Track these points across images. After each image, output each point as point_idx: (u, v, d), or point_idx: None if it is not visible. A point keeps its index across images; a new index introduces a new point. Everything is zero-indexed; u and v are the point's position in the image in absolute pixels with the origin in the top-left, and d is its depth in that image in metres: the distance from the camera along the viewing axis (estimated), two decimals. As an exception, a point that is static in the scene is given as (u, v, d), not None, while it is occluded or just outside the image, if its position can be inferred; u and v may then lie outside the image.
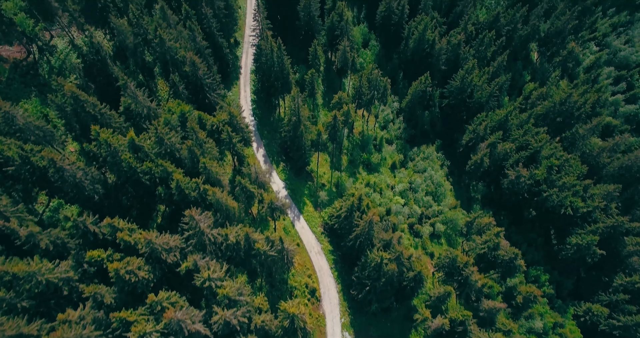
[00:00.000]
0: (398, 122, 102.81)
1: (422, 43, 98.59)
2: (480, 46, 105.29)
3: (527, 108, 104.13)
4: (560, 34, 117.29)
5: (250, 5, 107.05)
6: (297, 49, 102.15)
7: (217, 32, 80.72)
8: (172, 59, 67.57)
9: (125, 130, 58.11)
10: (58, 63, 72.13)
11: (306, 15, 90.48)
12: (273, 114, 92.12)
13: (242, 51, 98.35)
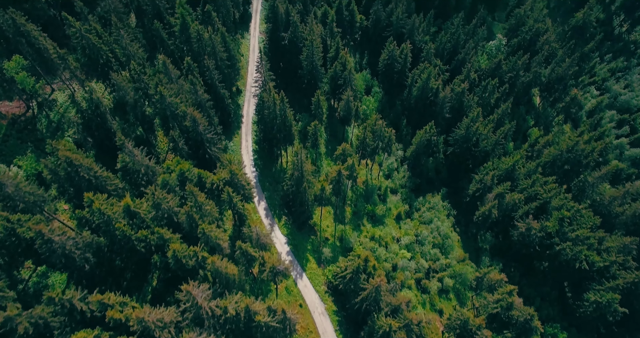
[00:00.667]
0: (402, 171, 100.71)
1: (425, 91, 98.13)
2: (484, 93, 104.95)
3: (533, 156, 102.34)
4: (561, 80, 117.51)
5: (252, 52, 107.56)
6: (300, 96, 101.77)
7: (219, 84, 79.96)
8: (172, 114, 66.15)
9: (121, 192, 55.62)
10: (57, 117, 70.71)
11: (309, 64, 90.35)
12: (275, 164, 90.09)
13: (244, 99, 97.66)
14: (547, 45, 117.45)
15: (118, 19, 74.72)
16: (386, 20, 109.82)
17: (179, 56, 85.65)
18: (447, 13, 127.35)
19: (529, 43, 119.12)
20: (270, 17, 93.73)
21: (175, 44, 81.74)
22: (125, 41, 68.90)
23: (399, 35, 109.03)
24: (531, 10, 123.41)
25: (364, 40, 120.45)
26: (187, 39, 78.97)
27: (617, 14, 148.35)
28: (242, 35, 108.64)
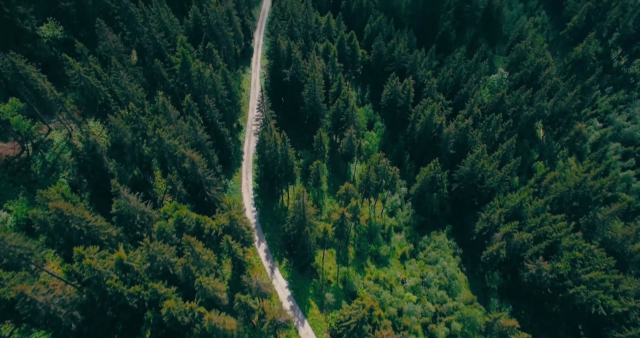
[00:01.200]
0: (406, 208, 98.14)
1: (429, 127, 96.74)
2: (488, 128, 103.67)
3: (540, 192, 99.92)
4: (565, 113, 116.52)
5: (254, 87, 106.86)
6: (302, 132, 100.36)
7: (219, 122, 78.52)
8: (170, 155, 64.20)
9: (115, 241, 52.89)
10: (52, 158, 68.76)
11: (311, 100, 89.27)
12: (276, 203, 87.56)
13: (245, 135, 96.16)
14: (549, 79, 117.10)
15: (118, 59, 73.94)
16: (388, 55, 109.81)
17: (179, 92, 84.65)
18: (448, 47, 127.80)
19: (531, 77, 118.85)
20: (272, 54, 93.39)
21: (176, 82, 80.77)
22: (125, 81, 67.78)
23: (401, 70, 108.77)
24: (532, 45, 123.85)
25: (365, 74, 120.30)
26: (187, 77, 78.02)
27: (614, 47, 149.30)
28: (243, 70, 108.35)
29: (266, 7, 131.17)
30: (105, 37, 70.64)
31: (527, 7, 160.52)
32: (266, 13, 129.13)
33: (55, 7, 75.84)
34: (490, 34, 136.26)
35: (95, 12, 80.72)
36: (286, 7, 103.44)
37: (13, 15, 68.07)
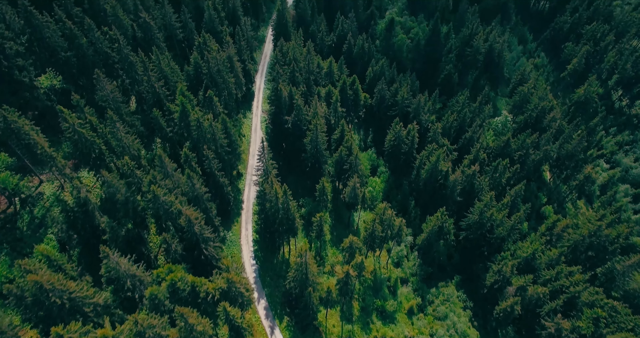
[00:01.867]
0: (412, 258, 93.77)
1: (435, 174, 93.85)
2: (495, 173, 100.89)
3: (552, 240, 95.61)
4: (572, 157, 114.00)
5: (255, 132, 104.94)
6: (303, 179, 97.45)
7: (218, 173, 75.64)
8: (165, 212, 60.77)
9: (101, 311, 48.49)
10: (41, 212, 65.33)
11: (313, 148, 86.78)
12: (277, 255, 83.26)
13: (245, 183, 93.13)
14: (554, 122, 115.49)
15: (115, 109, 72.02)
16: (391, 100, 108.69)
17: (178, 141, 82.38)
18: (451, 89, 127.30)
19: (536, 120, 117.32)
20: (274, 100, 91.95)
21: (175, 131, 78.57)
22: (121, 133, 65.42)
23: (404, 114, 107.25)
24: (534, 88, 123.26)
25: (368, 117, 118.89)
26: (186, 126, 75.90)
27: (614, 89, 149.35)
28: (244, 115, 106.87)
29: (268, 50, 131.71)
30: (103, 87, 68.96)
31: (526, 49, 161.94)
32: (268, 56, 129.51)
33: (55, 57, 74.77)
34: (492, 76, 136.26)
35: (95, 60, 79.74)
36: (288, 52, 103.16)
37: (11, 68, 66.69)
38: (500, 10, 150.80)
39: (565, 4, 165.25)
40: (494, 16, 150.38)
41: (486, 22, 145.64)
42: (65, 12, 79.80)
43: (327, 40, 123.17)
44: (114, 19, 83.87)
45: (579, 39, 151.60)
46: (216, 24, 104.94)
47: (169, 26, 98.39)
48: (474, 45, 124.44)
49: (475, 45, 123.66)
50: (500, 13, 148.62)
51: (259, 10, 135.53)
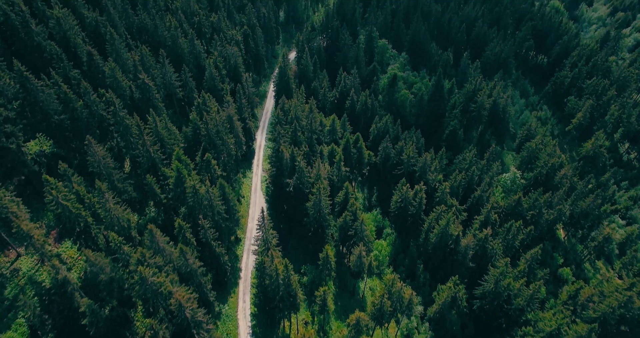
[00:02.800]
0: (424, 330, 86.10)
1: (445, 238, 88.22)
2: (507, 235, 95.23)
3: (577, 310, 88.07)
4: (586, 215, 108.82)
5: (254, 192, 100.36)
6: (305, 243, 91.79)
7: (214, 242, 70.17)
8: (154, 293, 54.74)
9: None
10: (14, 292, 59.25)
11: (316, 213, 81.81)
12: (277, 330, 75.78)
13: (244, 248, 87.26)
14: (566, 179, 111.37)
15: (107, 175, 67.89)
16: (396, 158, 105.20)
17: (172, 207, 77.62)
18: (456, 144, 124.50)
19: (546, 177, 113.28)
20: (275, 161, 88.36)
21: (169, 197, 74.00)
22: (110, 204, 60.75)
23: (410, 173, 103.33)
24: (542, 143, 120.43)
25: (372, 175, 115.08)
26: (182, 192, 71.44)
27: (621, 142, 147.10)
28: (244, 174, 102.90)
29: (269, 105, 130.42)
30: (94, 154, 65.21)
31: (529, 103, 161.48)
32: (269, 111, 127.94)
33: (48, 120, 71.78)
34: (498, 131, 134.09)
35: (90, 123, 76.76)
36: (289, 110, 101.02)
37: (-2, 134, 63.39)
38: (501, 65, 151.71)
39: (563, 58, 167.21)
40: (495, 70, 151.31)
41: (488, 76, 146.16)
42: (62, 75, 77.98)
43: (329, 96, 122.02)
44: (112, 80, 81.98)
45: (581, 93, 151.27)
46: (217, 82, 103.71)
47: (169, 85, 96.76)
48: (478, 100, 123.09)
49: (480, 100, 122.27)
50: (501, 68, 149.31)
51: (261, 66, 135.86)
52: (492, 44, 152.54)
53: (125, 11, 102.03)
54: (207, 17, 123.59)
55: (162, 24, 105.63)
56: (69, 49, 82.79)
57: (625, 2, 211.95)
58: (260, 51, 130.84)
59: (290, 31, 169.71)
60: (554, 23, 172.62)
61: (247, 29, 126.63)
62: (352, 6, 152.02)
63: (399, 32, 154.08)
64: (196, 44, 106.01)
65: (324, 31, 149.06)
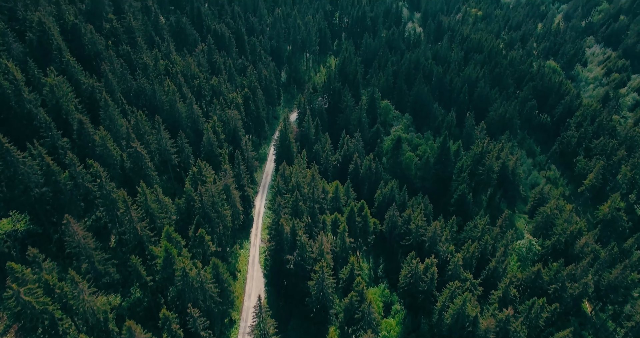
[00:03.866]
0: None
1: (461, 320, 79.07)
2: (530, 314, 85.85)
3: None
4: (615, 289, 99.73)
5: (252, 265, 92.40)
6: (307, 324, 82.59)
7: (204, 332, 61.59)
8: None
9: None
10: None
11: (318, 292, 73.67)
12: None
13: (239, 332, 77.84)
14: (587, 247, 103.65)
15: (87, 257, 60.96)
16: (403, 227, 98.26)
17: (159, 288, 69.75)
18: (466, 209, 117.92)
19: (565, 246, 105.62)
20: (274, 235, 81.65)
21: (156, 280, 66.40)
22: (84, 295, 53.25)
23: (419, 243, 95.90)
24: (557, 208, 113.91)
25: (378, 243, 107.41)
26: (170, 274, 64.08)
27: (637, 204, 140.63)
28: (240, 245, 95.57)
29: (269, 169, 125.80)
30: (73, 233, 58.75)
31: (536, 162, 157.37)
32: (269, 175, 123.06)
33: (27, 194, 66.20)
34: (507, 194, 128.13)
35: (74, 195, 71.10)
36: (290, 178, 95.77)
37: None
38: (506, 125, 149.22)
39: (566, 117, 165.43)
40: (500, 130, 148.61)
41: (493, 137, 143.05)
42: (50, 144, 73.67)
43: (331, 159, 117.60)
44: (102, 149, 77.50)
45: (589, 152, 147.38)
46: (215, 147, 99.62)
47: (164, 151, 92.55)
48: (487, 164, 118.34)
49: (488, 164, 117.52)
50: (506, 128, 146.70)
51: (261, 128, 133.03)
52: (496, 104, 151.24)
53: (124, 76, 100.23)
54: (207, 80, 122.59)
55: (161, 89, 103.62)
56: (60, 117, 79.28)
57: (618, 63, 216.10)
58: (260, 113, 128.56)
59: (292, 91, 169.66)
60: (554, 83, 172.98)
61: (248, 92, 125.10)
62: (353, 68, 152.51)
63: (402, 93, 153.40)
64: (194, 108, 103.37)
65: (326, 92, 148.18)
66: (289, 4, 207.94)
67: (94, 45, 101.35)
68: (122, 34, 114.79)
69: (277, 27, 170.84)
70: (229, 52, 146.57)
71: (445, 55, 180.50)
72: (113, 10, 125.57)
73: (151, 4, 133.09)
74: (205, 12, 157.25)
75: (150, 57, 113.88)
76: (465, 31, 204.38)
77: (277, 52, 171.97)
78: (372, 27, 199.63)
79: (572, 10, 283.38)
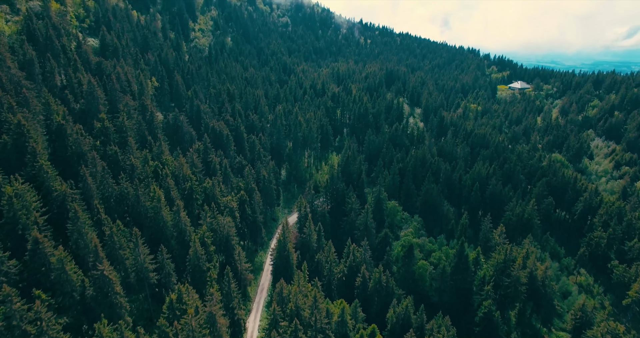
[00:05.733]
0: None
1: None
2: None
3: None
4: None
5: None
6: None
7: None
8: None
9: None
10: None
11: None
12: None
13: None
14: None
15: None
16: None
17: None
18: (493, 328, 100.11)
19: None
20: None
21: None
22: None
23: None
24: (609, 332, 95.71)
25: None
26: None
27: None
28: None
29: (265, 282, 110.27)
30: None
31: (562, 265, 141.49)
32: (265, 289, 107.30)
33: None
34: (540, 308, 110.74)
35: (13, 338, 56.03)
36: (289, 299, 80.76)
37: None
38: (524, 226, 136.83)
39: (587, 213, 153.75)
40: (518, 231, 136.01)
41: (513, 240, 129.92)
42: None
43: (336, 271, 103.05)
44: (60, 273, 64.20)
45: (623, 255, 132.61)
46: (202, 262, 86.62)
47: (141, 269, 79.07)
48: (512, 275, 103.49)
49: (514, 275, 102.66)
50: (527, 230, 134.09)
51: (258, 234, 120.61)
52: (511, 203, 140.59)
53: (105, 180, 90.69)
54: (200, 183, 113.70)
55: (146, 194, 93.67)
56: (15, 233, 67.47)
57: (625, 157, 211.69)
58: (257, 218, 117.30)
59: (292, 190, 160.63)
60: (568, 178, 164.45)
61: (244, 195, 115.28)
62: (357, 166, 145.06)
63: (409, 192, 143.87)
64: (182, 216, 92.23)
65: (328, 192, 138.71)
66: (290, 101, 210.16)
67: (77, 146, 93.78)
68: (112, 133, 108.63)
69: (278, 124, 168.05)
70: (226, 151, 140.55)
71: (450, 150, 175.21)
72: (108, 109, 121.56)
73: (149, 103, 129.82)
74: (204, 110, 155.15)
75: (139, 158, 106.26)
76: (468, 126, 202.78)
77: (277, 149, 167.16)
78: (374, 122, 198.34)
79: (567, 106, 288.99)
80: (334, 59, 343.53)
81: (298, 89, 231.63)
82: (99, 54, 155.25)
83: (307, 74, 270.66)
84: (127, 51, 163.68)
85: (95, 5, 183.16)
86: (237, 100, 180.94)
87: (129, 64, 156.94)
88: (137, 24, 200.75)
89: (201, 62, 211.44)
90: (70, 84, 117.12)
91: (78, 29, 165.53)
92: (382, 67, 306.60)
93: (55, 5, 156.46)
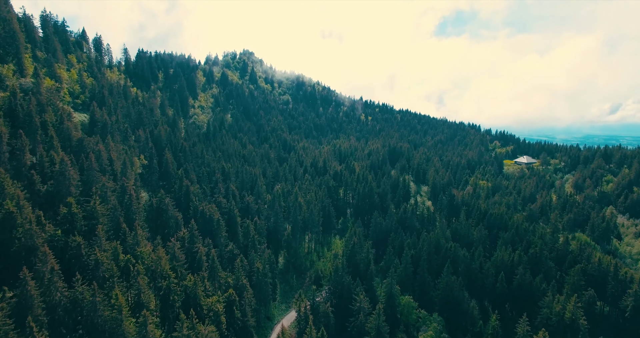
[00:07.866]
0: None
1: None
2: None
3: None
4: None
5: None
6: None
7: None
8: None
9: None
10: None
11: None
12: None
13: None
14: None
15: None
16: None
17: None
18: None
19: None
20: None
21: None
22: None
23: None
24: None
25: None
26: None
27: None
28: None
29: None
30: None
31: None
32: None
33: None
34: None
35: None
36: None
37: None
38: (568, 327, 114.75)
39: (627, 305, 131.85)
40: (562, 334, 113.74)
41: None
42: None
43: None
44: None
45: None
46: (168, 396, 65.43)
47: None
48: None
49: None
50: (571, 333, 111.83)
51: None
52: (547, 298, 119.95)
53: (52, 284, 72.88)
54: (180, 279, 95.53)
55: (107, 300, 75.55)
56: None
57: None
58: (247, 322, 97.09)
59: (290, 281, 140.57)
60: (605, 265, 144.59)
61: (233, 294, 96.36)
62: (365, 255, 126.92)
63: (424, 284, 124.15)
64: (149, 330, 73.07)
65: (332, 286, 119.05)
66: (290, 180, 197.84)
67: (28, 238, 77.67)
68: (79, 220, 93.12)
69: (276, 207, 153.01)
70: (215, 238, 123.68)
71: (466, 233, 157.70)
72: (81, 191, 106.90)
73: (129, 184, 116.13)
74: (194, 192, 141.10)
75: (107, 251, 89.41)
76: (482, 205, 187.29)
77: (274, 233, 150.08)
78: (380, 203, 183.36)
79: (580, 181, 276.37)
80: (335, 136, 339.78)
81: (298, 167, 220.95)
82: (87, 130, 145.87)
83: (308, 152, 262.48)
84: (116, 126, 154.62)
85: (93, 82, 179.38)
86: (232, 179, 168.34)
87: (117, 141, 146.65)
88: (133, 100, 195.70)
89: (197, 139, 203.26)
90: (40, 163, 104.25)
91: (70, 105, 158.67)
92: (385, 144, 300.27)
93: (48, 82, 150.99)
